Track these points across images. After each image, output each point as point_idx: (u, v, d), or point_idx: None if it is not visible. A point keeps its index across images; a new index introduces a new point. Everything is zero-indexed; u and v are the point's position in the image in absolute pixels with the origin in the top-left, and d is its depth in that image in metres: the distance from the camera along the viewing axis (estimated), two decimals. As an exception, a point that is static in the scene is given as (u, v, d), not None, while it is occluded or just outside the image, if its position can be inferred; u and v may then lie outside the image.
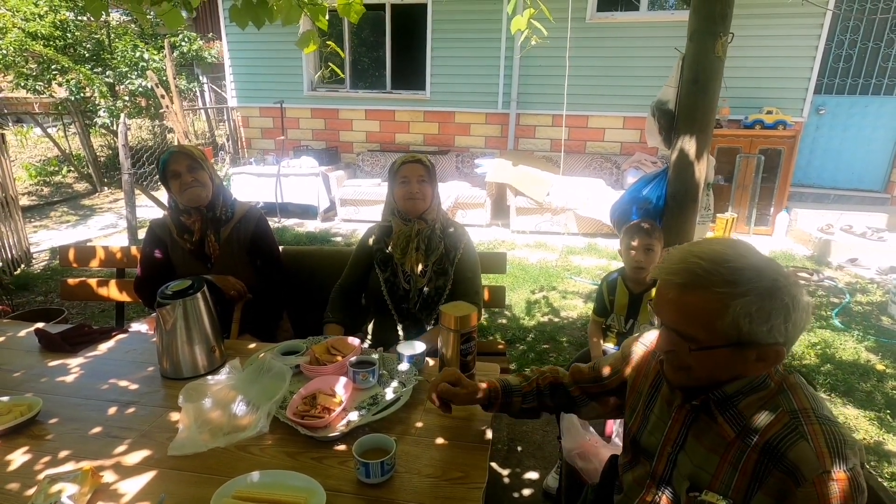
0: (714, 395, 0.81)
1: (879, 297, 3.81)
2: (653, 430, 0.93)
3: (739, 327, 0.73)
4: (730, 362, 0.77)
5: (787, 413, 0.76)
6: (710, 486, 0.81)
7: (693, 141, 2.13)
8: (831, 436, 0.73)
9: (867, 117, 5.46)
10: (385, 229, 1.82)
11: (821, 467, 0.70)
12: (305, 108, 6.56)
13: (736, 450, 0.79)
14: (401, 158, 1.76)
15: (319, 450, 1.04)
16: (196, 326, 1.34)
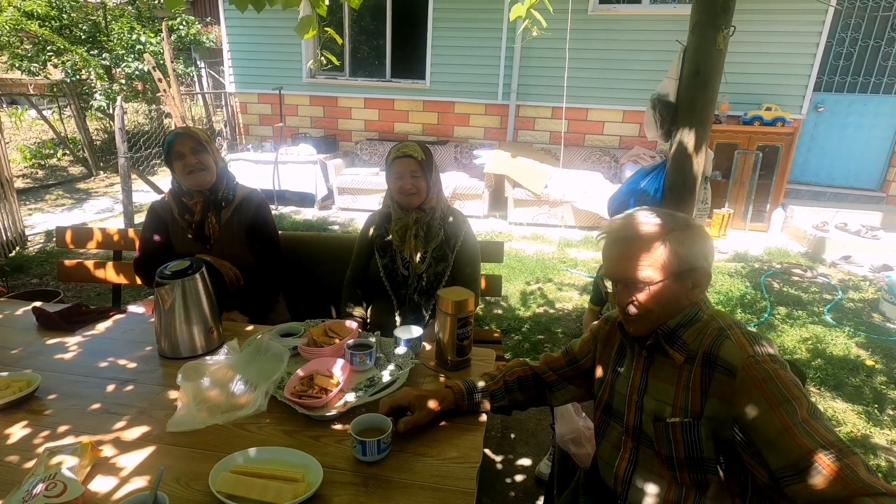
0: (662, 331, 0.94)
1: (871, 294, 3.85)
2: (620, 388, 1.02)
3: (678, 256, 0.90)
4: (676, 293, 0.92)
5: (715, 329, 0.91)
6: (672, 413, 0.91)
7: (692, 133, 2.13)
8: (748, 334, 0.89)
9: (865, 116, 5.48)
10: (385, 215, 1.84)
11: (745, 354, 0.84)
12: (304, 96, 6.52)
13: (686, 373, 0.92)
14: (394, 151, 1.74)
15: (316, 428, 1.06)
16: (194, 307, 1.35)
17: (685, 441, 0.89)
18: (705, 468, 0.89)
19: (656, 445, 0.94)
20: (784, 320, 3.37)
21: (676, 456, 0.91)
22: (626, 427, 1.01)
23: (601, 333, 1.12)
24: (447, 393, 1.12)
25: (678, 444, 0.90)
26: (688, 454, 0.90)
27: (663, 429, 0.92)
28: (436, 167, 1.80)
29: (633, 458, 1.00)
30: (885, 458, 2.15)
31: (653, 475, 0.97)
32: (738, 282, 3.98)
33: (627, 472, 1.01)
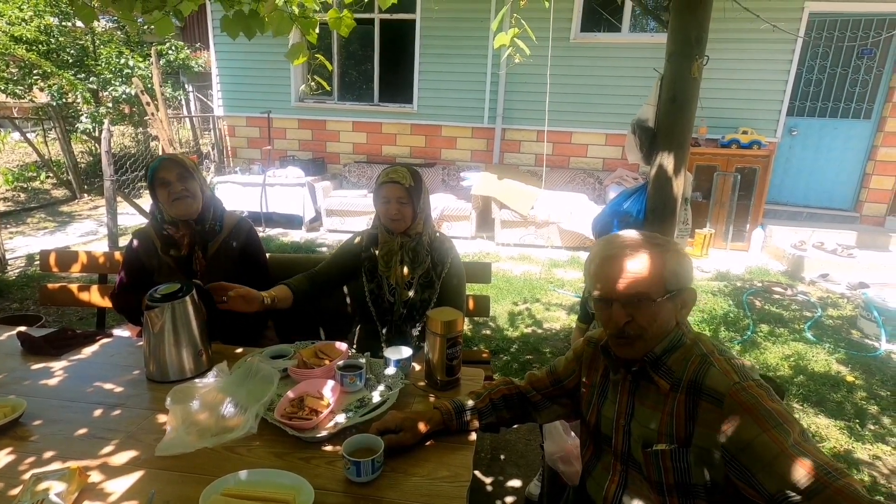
0: (648, 359, 0.95)
1: (849, 311, 3.95)
2: (607, 412, 1.03)
3: (673, 275, 0.92)
4: (669, 313, 0.94)
5: (699, 356, 0.93)
6: (658, 440, 0.91)
7: (672, 157, 2.21)
8: (731, 360, 0.91)
9: (837, 139, 5.70)
10: (373, 237, 1.81)
11: (730, 380, 0.85)
12: (293, 119, 6.59)
13: (671, 401, 0.92)
14: (383, 174, 1.72)
15: (307, 450, 1.06)
16: (184, 330, 1.34)
17: (674, 468, 0.91)
18: (694, 493, 0.91)
19: (645, 471, 0.95)
20: (766, 338, 3.44)
21: (666, 482, 0.92)
22: (614, 451, 1.02)
23: (585, 355, 1.13)
24: (435, 413, 1.13)
25: (668, 471, 0.91)
26: (677, 480, 0.91)
27: (652, 456, 0.93)
28: (425, 192, 1.79)
29: (622, 481, 1.02)
30: (868, 472, 2.18)
31: (641, 498, 0.98)
32: (721, 300, 4.05)
33: (617, 494, 1.02)
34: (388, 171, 1.72)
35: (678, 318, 0.96)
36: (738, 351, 3.23)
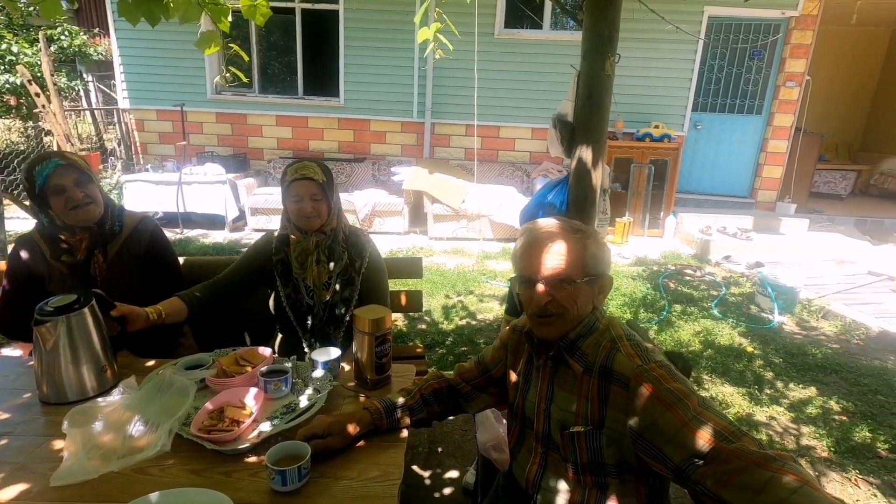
0: (563, 343, 1.00)
1: (748, 288, 4.37)
2: (531, 396, 1.08)
3: (594, 259, 0.98)
4: (588, 296, 0.99)
5: (609, 341, 0.98)
6: (575, 422, 0.97)
7: (590, 150, 2.32)
8: (637, 346, 0.96)
9: (735, 133, 6.27)
10: (284, 239, 1.70)
11: (634, 364, 0.91)
12: (210, 113, 6.19)
13: (585, 384, 0.98)
14: (291, 171, 1.60)
15: (228, 464, 1.00)
16: (83, 345, 1.22)
17: (588, 448, 0.96)
18: (606, 472, 0.96)
19: (563, 451, 1.00)
20: (679, 316, 3.73)
21: (580, 461, 0.97)
22: (536, 434, 1.07)
23: (511, 343, 1.17)
24: (364, 414, 1.11)
25: (582, 451, 0.97)
26: (590, 460, 0.96)
27: (569, 437, 0.97)
28: (336, 187, 1.72)
29: (542, 463, 1.06)
30: (765, 432, 2.44)
31: (560, 478, 1.03)
32: (640, 284, 4.34)
33: (538, 476, 1.07)
34: (298, 168, 1.61)
35: (595, 303, 1.01)
36: (655, 331, 3.47)
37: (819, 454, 2.30)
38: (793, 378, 2.93)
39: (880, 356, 3.26)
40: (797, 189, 6.31)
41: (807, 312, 3.90)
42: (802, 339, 3.49)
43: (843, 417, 2.57)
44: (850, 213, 6.54)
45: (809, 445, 2.35)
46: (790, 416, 2.56)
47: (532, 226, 1.02)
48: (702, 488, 0.79)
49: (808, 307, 3.95)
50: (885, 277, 4.49)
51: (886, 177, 7.74)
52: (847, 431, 2.44)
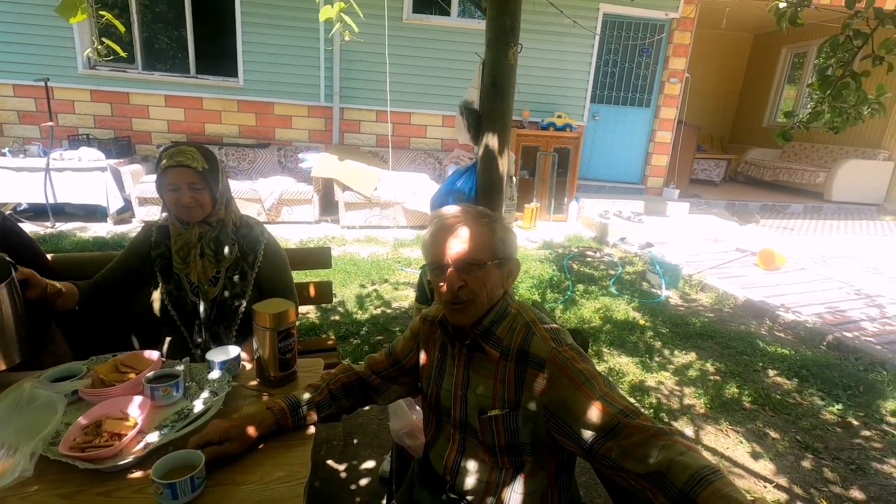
0: (478, 330, 1.02)
1: (640, 267, 4.79)
2: (446, 385, 1.09)
3: (503, 243, 1.01)
4: (498, 280, 1.01)
5: (523, 326, 1.01)
6: (492, 406, 1.00)
7: (496, 138, 2.37)
8: (550, 329, 1.01)
9: (628, 124, 6.79)
10: (164, 231, 1.56)
11: (549, 347, 0.96)
12: (83, 90, 5.46)
13: (501, 369, 1.00)
14: (166, 157, 1.46)
15: (108, 483, 0.90)
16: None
17: (506, 430, 0.99)
18: (522, 451, 1.00)
19: (481, 436, 1.02)
20: (582, 295, 3.99)
21: (498, 444, 1.00)
22: (453, 421, 1.08)
23: (422, 333, 1.16)
24: (267, 415, 1.06)
25: (500, 434, 0.99)
26: (508, 441, 1.00)
27: (487, 421, 1.00)
28: (223, 173, 1.57)
29: (460, 448, 1.08)
30: (655, 395, 2.70)
31: (477, 461, 1.06)
32: (547, 266, 4.57)
33: (456, 461, 1.08)
34: (173, 153, 1.46)
35: (504, 287, 1.04)
36: (560, 310, 3.69)
37: (698, 411, 2.59)
38: (677, 346, 3.27)
39: (745, 321, 3.74)
40: (680, 176, 7.01)
41: (688, 286, 4.36)
42: (685, 310, 3.90)
43: (717, 377, 2.92)
44: (722, 197, 7.41)
45: (690, 404, 2.65)
46: (675, 380, 2.86)
47: (440, 213, 1.03)
48: (607, 461, 0.86)
49: (690, 282, 4.42)
50: (748, 253, 5.15)
51: (750, 165, 8.85)
52: (720, 389, 2.78)
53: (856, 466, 2.23)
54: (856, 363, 3.13)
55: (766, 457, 2.27)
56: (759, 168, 8.57)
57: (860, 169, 7.40)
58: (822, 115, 2.48)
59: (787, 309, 3.81)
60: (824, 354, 3.25)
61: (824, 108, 2.47)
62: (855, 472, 2.21)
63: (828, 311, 3.83)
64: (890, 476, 2.19)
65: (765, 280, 4.51)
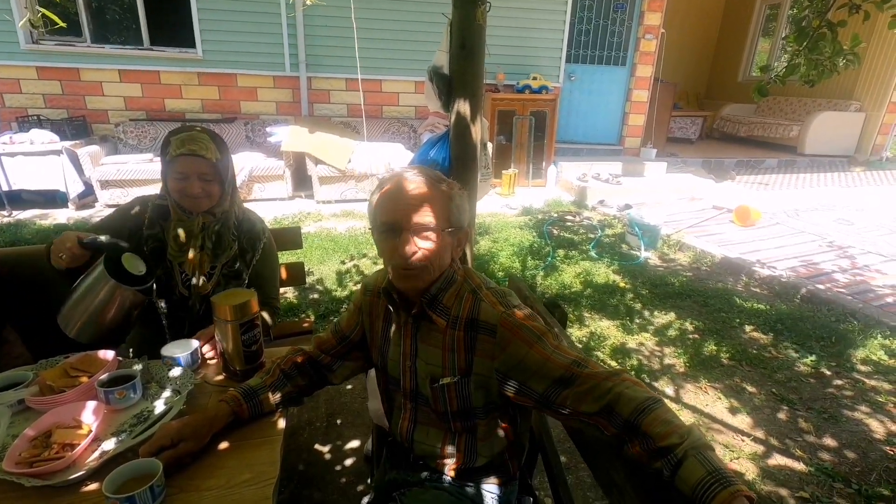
0: (424, 299, 0.99)
1: (619, 229, 4.80)
2: (393, 355, 1.07)
3: (457, 211, 0.98)
4: (448, 248, 0.99)
5: (470, 293, 1.00)
6: (443, 374, 0.99)
7: (467, 104, 2.27)
8: (497, 293, 1.00)
9: (604, 83, 6.66)
10: (162, 211, 1.45)
11: (497, 312, 0.95)
12: (27, 67, 5.09)
13: (449, 337, 0.99)
14: (177, 143, 1.34)
15: (60, 499, 0.83)
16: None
17: (458, 396, 0.99)
18: (475, 415, 1.01)
19: (433, 404, 1.02)
20: (563, 261, 3.98)
21: (451, 410, 1.01)
22: (403, 391, 1.07)
23: (364, 305, 1.13)
24: (220, 407, 1.01)
25: (452, 401, 1.00)
26: (460, 407, 1.00)
27: (439, 390, 0.99)
28: (231, 164, 1.48)
29: (412, 418, 1.09)
30: (636, 357, 2.73)
31: (430, 428, 1.07)
32: (527, 233, 4.54)
33: (409, 429, 1.09)
34: (184, 139, 1.35)
35: (453, 256, 1.02)
36: (541, 276, 3.68)
37: (678, 370, 2.63)
38: (657, 306, 3.30)
39: (722, 279, 3.79)
40: (657, 135, 6.97)
41: (667, 247, 4.39)
42: (664, 270, 3.93)
43: (696, 336, 2.96)
44: (698, 155, 7.42)
45: (670, 364, 2.69)
46: (655, 341, 2.90)
47: (398, 174, 0.98)
48: (563, 409, 0.90)
49: (668, 242, 4.44)
50: (725, 210, 5.19)
51: (725, 121, 8.85)
52: (698, 348, 2.82)
53: (828, 415, 2.30)
54: (828, 314, 3.21)
55: (743, 411, 2.33)
56: (735, 124, 8.58)
57: (833, 121, 7.46)
58: (797, 69, 2.43)
59: (762, 264, 3.87)
60: (798, 308, 3.32)
61: (800, 62, 2.42)
62: (827, 420, 2.28)
63: (801, 265, 3.90)
64: (860, 422, 2.27)
65: (741, 236, 4.56)
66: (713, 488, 0.68)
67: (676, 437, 0.75)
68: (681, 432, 0.75)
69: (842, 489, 1.89)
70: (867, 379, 2.58)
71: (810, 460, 2.03)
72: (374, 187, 0.99)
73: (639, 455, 0.80)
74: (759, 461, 2.03)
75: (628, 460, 0.83)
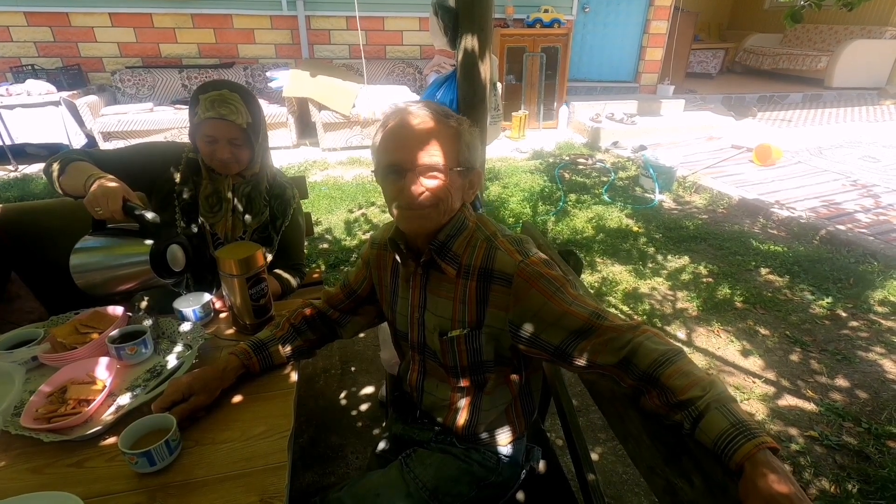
0: (433, 246, 0.93)
1: (633, 171, 4.65)
2: (401, 309, 1.04)
3: (468, 150, 0.90)
4: (459, 189, 0.92)
5: (484, 241, 0.94)
6: (452, 326, 0.95)
7: (475, 40, 2.13)
8: (513, 241, 0.94)
9: (620, 15, 6.24)
10: (195, 166, 1.39)
11: (515, 261, 0.89)
12: (16, 13, 4.87)
13: (461, 288, 0.93)
14: (206, 103, 1.26)
15: (79, 452, 0.85)
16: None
17: (468, 350, 0.95)
18: (484, 369, 0.98)
19: (441, 357, 0.99)
20: (574, 205, 3.90)
21: (460, 364, 0.98)
22: (411, 344, 1.05)
23: (372, 258, 1.09)
24: (231, 360, 1.01)
25: (462, 354, 0.96)
26: (470, 361, 0.97)
27: (448, 342, 0.96)
28: (264, 125, 1.41)
29: (421, 369, 1.07)
30: (648, 302, 2.71)
31: (438, 381, 1.05)
32: (538, 177, 4.43)
33: (419, 381, 1.08)
34: (214, 100, 1.26)
35: (464, 199, 0.95)
36: (553, 222, 3.61)
37: (690, 314, 2.62)
38: (670, 250, 3.25)
39: (739, 221, 3.70)
40: (675, 70, 6.60)
41: (682, 189, 4.27)
42: (678, 213, 3.84)
43: (710, 279, 2.92)
44: (718, 91, 7.06)
45: (683, 308, 2.67)
46: (668, 285, 2.87)
47: (402, 109, 0.89)
48: (579, 361, 0.86)
49: (683, 184, 4.31)
50: (744, 150, 4.99)
51: (748, 53, 8.35)
52: (712, 291, 2.79)
53: (842, 356, 2.29)
54: (847, 255, 3.13)
55: (755, 353, 2.32)
56: (759, 56, 8.10)
57: (865, 50, 6.99)
58: (836, -10, 2.23)
59: (781, 206, 3.76)
60: (817, 249, 3.24)
61: (840, -19, 2.22)
62: (840, 361, 2.27)
63: (822, 205, 3.78)
64: (874, 363, 2.26)
65: (760, 176, 4.41)
66: (737, 440, 0.66)
67: (698, 389, 0.72)
68: (703, 384, 0.73)
69: (851, 428, 1.91)
70: (884, 320, 2.54)
71: (821, 401, 2.04)
72: (378, 125, 0.91)
73: (657, 408, 0.78)
74: (769, 402, 2.04)
75: (645, 411, 0.82)
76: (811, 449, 1.82)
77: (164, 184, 1.39)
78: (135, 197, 1.13)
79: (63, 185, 1.21)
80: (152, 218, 1.10)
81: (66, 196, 1.23)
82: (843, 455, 1.80)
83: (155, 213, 1.11)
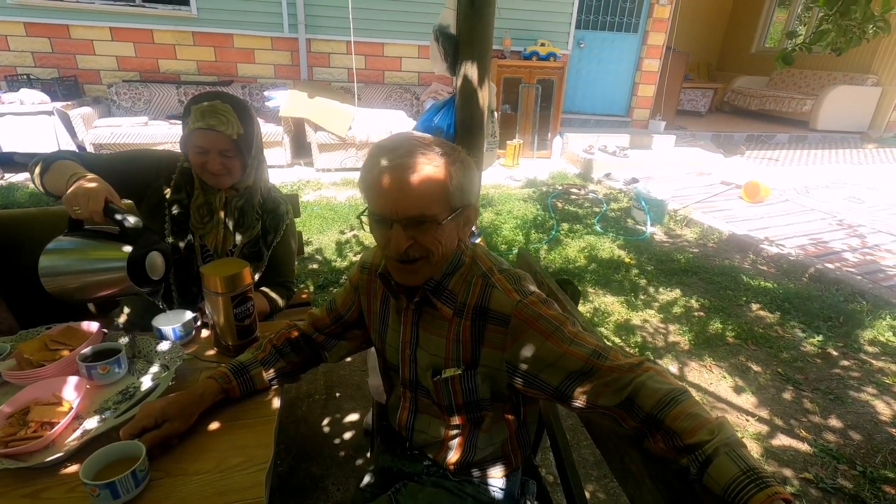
0: (429, 286, 0.88)
1: (625, 203, 4.69)
2: (391, 341, 0.98)
3: (460, 190, 0.82)
4: (454, 232, 0.86)
5: (480, 277, 0.89)
6: (446, 366, 0.90)
7: (475, 67, 2.15)
8: (511, 278, 0.89)
9: (614, 51, 6.42)
10: (188, 174, 1.35)
11: (512, 300, 0.84)
12: (15, 23, 4.88)
13: (455, 327, 0.89)
14: (197, 114, 1.24)
15: (35, 482, 0.78)
16: None
17: (463, 389, 0.90)
18: (481, 408, 0.93)
19: (435, 396, 0.94)
20: (567, 235, 3.90)
21: (455, 403, 0.92)
22: (402, 380, 0.99)
23: (361, 283, 1.03)
24: (208, 384, 0.95)
25: (457, 394, 0.91)
26: (466, 400, 0.92)
27: (442, 383, 0.91)
28: (258, 136, 1.36)
29: (413, 407, 1.01)
30: (640, 334, 2.68)
31: (432, 419, 0.99)
32: (531, 206, 4.44)
33: (409, 419, 1.02)
34: (205, 111, 1.24)
35: (460, 236, 0.88)
36: (545, 250, 3.60)
37: (682, 348, 2.59)
38: (662, 283, 3.24)
39: (729, 256, 3.72)
40: (666, 107, 6.77)
41: (673, 222, 4.30)
42: (670, 246, 3.85)
43: (701, 313, 2.91)
44: (708, 129, 7.23)
45: (675, 342, 2.64)
46: (660, 318, 2.84)
47: (383, 148, 0.80)
48: (579, 402, 0.82)
49: (675, 217, 4.35)
50: (733, 186, 5.07)
51: (736, 94, 8.61)
52: (704, 325, 2.77)
53: (834, 396, 2.27)
54: (836, 294, 3.15)
55: (748, 390, 2.29)
56: (746, 97, 8.35)
57: (847, 95, 7.24)
58: (826, 35, 2.30)
59: (770, 242, 3.79)
60: (806, 286, 3.26)
61: (829, 27, 2.29)
62: (833, 401, 2.24)
63: (810, 243, 3.82)
64: (866, 403, 2.23)
65: (749, 213, 4.47)
66: (748, 489, 0.62)
67: (706, 432, 0.68)
68: (710, 427, 0.69)
69: (846, 471, 1.87)
70: (874, 360, 2.54)
71: (815, 441, 2.00)
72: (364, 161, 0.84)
73: (663, 451, 0.73)
74: (763, 441, 2.00)
75: (647, 453, 0.77)
76: (807, 492, 1.77)
77: (155, 191, 1.35)
78: (118, 199, 1.09)
79: (45, 183, 1.16)
80: (134, 223, 1.05)
81: (48, 195, 1.18)
82: (839, 500, 1.75)
83: (138, 219, 1.06)
